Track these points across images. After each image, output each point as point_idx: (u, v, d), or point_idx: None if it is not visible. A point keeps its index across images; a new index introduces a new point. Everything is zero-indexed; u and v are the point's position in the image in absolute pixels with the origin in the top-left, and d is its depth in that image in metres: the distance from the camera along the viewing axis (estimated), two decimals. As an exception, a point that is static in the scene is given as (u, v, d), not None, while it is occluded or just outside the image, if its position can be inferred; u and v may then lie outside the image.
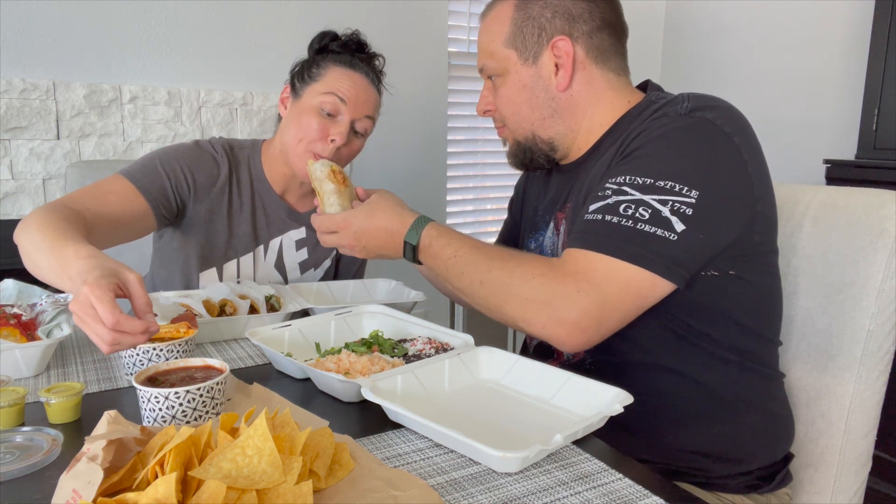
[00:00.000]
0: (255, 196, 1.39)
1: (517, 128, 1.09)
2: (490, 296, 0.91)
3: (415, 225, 1.00)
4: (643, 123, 0.95)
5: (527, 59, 1.04)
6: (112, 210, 1.17)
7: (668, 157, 0.88)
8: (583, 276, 0.85)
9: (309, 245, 1.45)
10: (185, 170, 1.30)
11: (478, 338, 0.98)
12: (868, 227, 1.04)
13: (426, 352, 0.97)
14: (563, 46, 1.01)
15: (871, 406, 1.06)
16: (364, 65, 1.33)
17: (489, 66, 1.08)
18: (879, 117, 2.18)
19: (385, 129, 2.62)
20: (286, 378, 0.95)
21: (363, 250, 1.05)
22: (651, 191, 0.86)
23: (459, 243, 0.96)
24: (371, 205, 1.04)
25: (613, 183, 0.90)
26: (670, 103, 0.95)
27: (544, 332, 0.87)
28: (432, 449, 0.73)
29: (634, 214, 0.85)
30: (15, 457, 0.68)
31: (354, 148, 1.34)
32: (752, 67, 2.80)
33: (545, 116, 1.06)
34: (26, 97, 1.93)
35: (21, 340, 0.96)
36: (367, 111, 1.32)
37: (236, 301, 1.17)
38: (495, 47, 1.06)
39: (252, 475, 0.56)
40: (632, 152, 0.92)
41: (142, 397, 0.73)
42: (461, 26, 2.76)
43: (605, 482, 0.67)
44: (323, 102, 1.28)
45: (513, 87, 1.06)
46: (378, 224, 1.02)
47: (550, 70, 1.03)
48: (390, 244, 1.02)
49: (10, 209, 1.95)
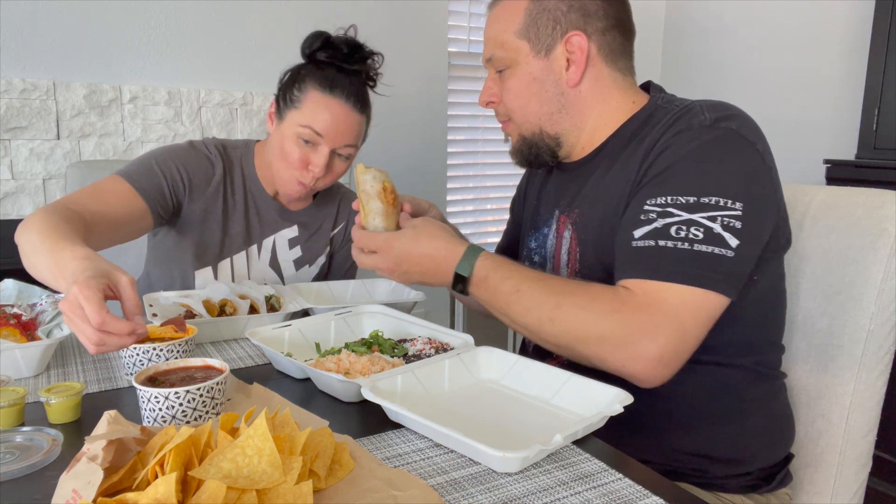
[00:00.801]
0: (247, 196, 1.40)
1: (524, 122, 1.06)
2: (562, 334, 0.87)
3: (467, 255, 0.93)
4: (667, 137, 0.92)
5: (539, 52, 1.02)
6: (111, 210, 1.18)
7: (707, 171, 0.87)
8: (656, 308, 0.83)
9: (302, 243, 1.46)
10: (181, 169, 1.31)
11: (478, 338, 0.98)
12: (868, 227, 1.04)
13: (426, 352, 0.97)
14: (577, 42, 1.00)
15: (871, 406, 1.06)
16: (347, 83, 1.29)
17: (498, 56, 1.05)
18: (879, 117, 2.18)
19: (385, 130, 2.62)
20: (286, 378, 0.95)
21: (403, 275, 0.98)
22: (698, 209, 0.85)
23: (520, 276, 0.90)
24: (416, 229, 0.97)
25: (655, 205, 0.88)
26: (688, 113, 0.93)
27: (625, 371, 0.84)
28: (432, 449, 0.73)
29: (688, 236, 0.84)
30: (15, 457, 0.68)
31: (338, 171, 1.35)
32: (752, 67, 2.80)
33: (553, 111, 1.04)
34: (26, 97, 1.93)
35: (21, 340, 0.96)
36: (346, 140, 1.31)
37: (236, 301, 1.17)
38: (506, 37, 1.03)
39: (252, 475, 0.56)
40: (665, 169, 0.89)
41: (142, 397, 0.73)
42: (461, 26, 2.76)
43: (605, 482, 0.67)
44: (301, 133, 1.28)
45: (522, 80, 1.03)
46: (423, 250, 0.95)
47: (562, 65, 1.01)
48: (435, 272, 0.95)
49: (10, 209, 1.95)
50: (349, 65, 1.31)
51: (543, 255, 1.13)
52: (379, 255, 0.98)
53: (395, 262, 0.97)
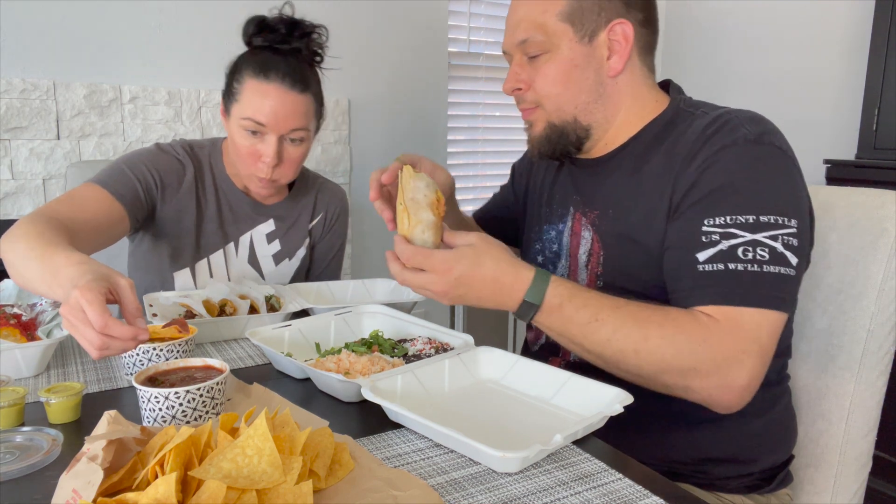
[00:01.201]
0: (219, 193, 1.39)
1: (557, 109, 1.02)
2: (646, 365, 0.84)
3: (536, 281, 0.86)
4: (710, 152, 0.90)
5: (583, 37, 0.98)
6: (90, 216, 1.16)
7: (762, 190, 0.87)
8: (740, 334, 0.82)
9: (280, 236, 1.45)
10: (152, 171, 1.30)
11: (478, 338, 0.98)
12: (868, 227, 1.04)
13: (426, 352, 0.97)
14: (621, 30, 0.98)
15: (871, 406, 1.06)
16: (282, 64, 1.24)
17: (535, 40, 0.99)
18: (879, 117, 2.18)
19: (385, 129, 2.62)
20: (286, 378, 0.95)
21: (457, 298, 0.88)
22: (759, 228, 0.85)
23: (597, 304, 0.86)
24: (476, 249, 0.87)
25: (715, 226, 0.86)
26: (727, 126, 0.91)
27: (710, 400, 0.85)
28: (432, 449, 0.73)
29: (755, 257, 0.84)
30: (15, 457, 0.68)
31: (295, 156, 1.30)
32: (752, 67, 2.80)
33: (589, 101, 1.01)
34: (26, 97, 1.93)
35: (21, 340, 0.96)
36: (292, 125, 1.26)
37: (236, 301, 1.17)
38: (548, 19, 0.98)
39: (252, 475, 0.56)
40: (719, 188, 0.88)
41: (142, 397, 0.73)
42: (461, 26, 2.76)
43: (605, 482, 0.67)
44: (245, 126, 1.25)
45: (562, 66, 0.99)
46: (485, 274, 0.86)
47: (604, 53, 0.99)
48: (498, 297, 0.87)
49: (10, 209, 1.95)
50: (287, 45, 1.27)
51: (557, 252, 1.12)
52: (432, 276, 0.86)
53: (453, 285, 0.86)
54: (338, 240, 1.56)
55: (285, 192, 1.47)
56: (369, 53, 2.53)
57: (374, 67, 2.55)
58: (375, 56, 2.55)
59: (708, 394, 0.84)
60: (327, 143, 2.45)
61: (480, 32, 2.79)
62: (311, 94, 1.29)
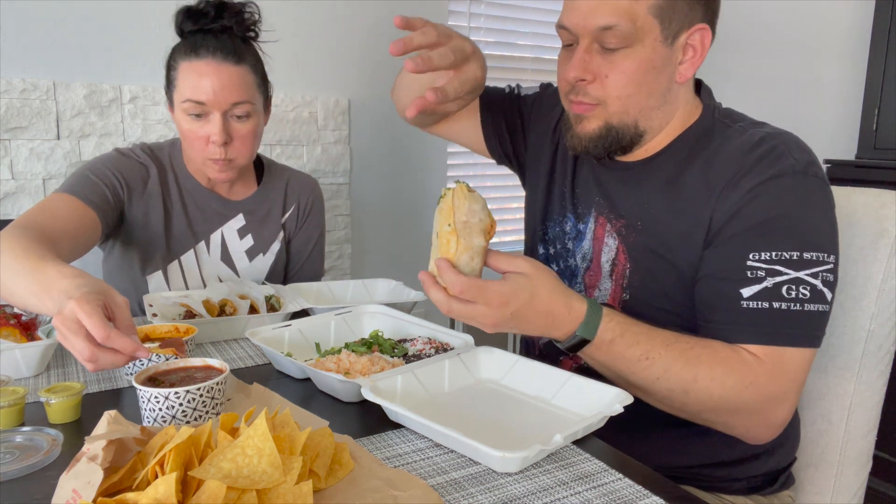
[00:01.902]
0: (182, 193, 1.38)
1: (622, 111, 0.94)
2: (692, 404, 0.85)
3: (590, 315, 0.83)
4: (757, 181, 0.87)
5: (667, 38, 0.91)
6: (65, 225, 1.14)
7: (807, 225, 0.86)
8: (784, 376, 0.84)
9: (252, 231, 1.44)
10: (116, 174, 1.30)
11: (478, 338, 0.98)
12: (868, 227, 1.04)
13: (426, 352, 0.97)
14: (701, 37, 0.92)
15: (871, 406, 1.06)
16: (211, 41, 1.23)
17: (623, 29, 0.88)
18: (879, 117, 2.18)
19: (385, 129, 2.62)
20: (286, 378, 0.95)
21: (503, 328, 0.83)
22: (802, 266, 0.84)
23: (648, 342, 0.84)
24: (531, 280, 0.81)
25: (760, 261, 0.85)
26: (774, 153, 0.88)
27: (748, 436, 0.89)
28: (432, 449, 0.73)
29: (798, 296, 0.84)
30: (15, 457, 0.68)
31: (244, 132, 1.28)
32: (752, 67, 2.80)
33: (655, 106, 0.95)
34: (26, 97, 1.93)
35: (21, 340, 0.96)
36: (233, 98, 1.24)
37: (236, 301, 1.17)
38: (639, 10, 0.88)
39: (252, 475, 0.56)
40: (765, 221, 0.86)
41: (142, 397, 0.73)
42: (461, 26, 2.76)
43: (605, 482, 0.67)
44: (186, 109, 1.24)
45: (641, 64, 0.90)
46: (540, 308, 0.81)
47: (679, 57, 0.93)
48: (550, 330, 0.84)
49: (10, 209, 1.95)
50: (217, 24, 1.27)
51: (572, 250, 1.09)
52: (484, 309, 0.80)
53: (507, 319, 0.81)
54: (315, 230, 1.54)
55: (254, 186, 1.46)
56: (369, 53, 2.53)
57: (374, 67, 2.55)
58: (375, 56, 2.55)
59: (746, 430, 0.88)
60: (327, 143, 2.45)
61: (480, 32, 2.79)
62: (248, 66, 1.27)
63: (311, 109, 2.40)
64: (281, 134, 2.35)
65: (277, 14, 2.33)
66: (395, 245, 2.73)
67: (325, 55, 2.43)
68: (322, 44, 2.41)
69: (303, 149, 2.41)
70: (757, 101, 2.76)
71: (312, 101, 2.39)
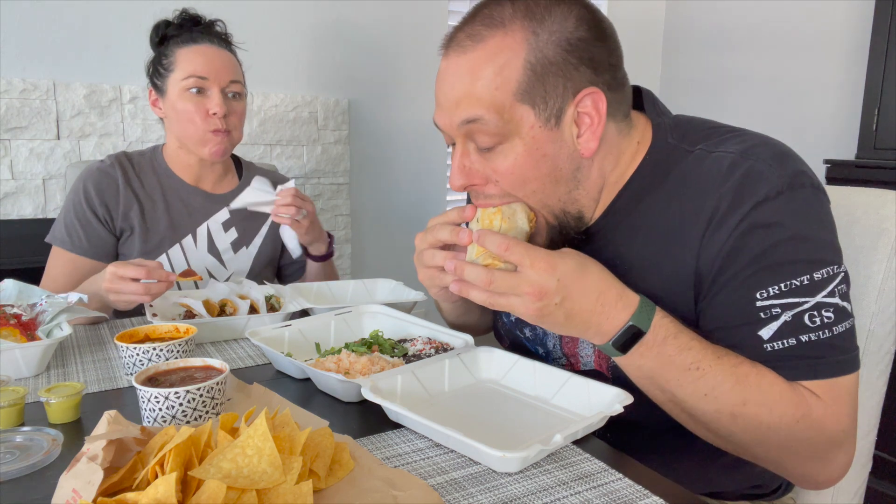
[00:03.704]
0: (165, 192, 1.46)
1: (542, 206, 0.84)
2: (742, 432, 0.75)
3: (644, 305, 0.75)
4: (739, 214, 0.77)
5: (548, 120, 0.79)
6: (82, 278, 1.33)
7: (809, 245, 0.76)
8: (837, 409, 0.75)
9: (236, 224, 1.51)
10: (94, 202, 1.39)
11: (478, 338, 0.98)
12: (868, 227, 1.04)
13: (426, 352, 0.97)
14: (592, 101, 0.79)
15: (872, 406, 1.06)
16: (205, 34, 1.40)
17: (490, 123, 0.78)
18: (879, 117, 2.18)
19: (385, 129, 2.62)
20: (286, 378, 0.95)
21: (548, 309, 0.73)
22: (816, 289, 0.75)
23: (700, 351, 0.75)
24: (581, 256, 0.76)
25: (770, 297, 0.76)
26: (751, 176, 0.78)
27: (809, 481, 0.80)
28: (432, 449, 0.73)
29: (823, 322, 0.75)
30: (15, 457, 0.68)
31: (239, 109, 1.43)
32: (752, 68, 2.80)
33: (571, 189, 0.84)
34: (26, 97, 1.93)
35: (21, 340, 0.96)
36: (230, 76, 1.40)
37: (236, 301, 1.17)
38: (503, 99, 0.77)
39: (252, 475, 0.56)
40: (762, 254, 0.76)
41: (142, 397, 0.73)
42: (461, 26, 2.76)
43: (605, 482, 0.67)
44: (187, 85, 1.36)
45: (527, 158, 0.79)
46: (590, 283, 0.74)
47: (573, 132, 0.80)
48: (596, 317, 0.75)
49: (10, 209, 1.95)
50: (201, 27, 1.42)
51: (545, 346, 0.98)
52: (530, 274, 0.72)
53: (554, 289, 0.72)
54: None
55: (236, 181, 1.55)
56: (369, 53, 2.53)
57: (374, 67, 2.55)
58: (375, 56, 2.55)
59: (809, 475, 0.78)
60: (327, 143, 2.45)
61: (480, 32, 2.79)
62: (236, 56, 1.45)
63: (311, 109, 2.40)
64: (281, 134, 2.35)
65: (278, 14, 2.33)
66: (395, 245, 2.73)
67: (325, 55, 2.43)
68: (322, 44, 2.41)
69: (303, 149, 2.41)
70: (757, 101, 2.76)
71: (312, 101, 2.39)
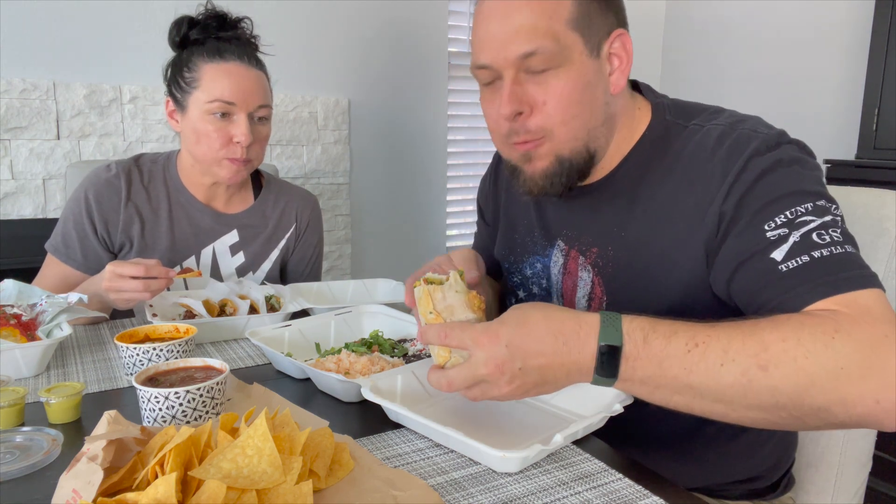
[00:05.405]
0: (172, 208, 1.35)
1: (571, 138, 0.86)
2: (782, 381, 0.64)
3: (606, 319, 0.69)
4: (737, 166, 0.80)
5: (592, 50, 0.84)
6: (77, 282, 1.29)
7: (806, 181, 0.79)
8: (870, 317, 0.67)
9: (245, 248, 1.41)
10: (93, 215, 1.30)
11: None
12: (868, 227, 1.04)
13: (426, 352, 0.97)
14: (622, 43, 0.86)
15: (872, 406, 1.06)
16: (233, 46, 1.27)
17: (546, 49, 0.81)
18: (879, 117, 2.18)
19: (385, 129, 2.62)
20: (286, 378, 0.95)
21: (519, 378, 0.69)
22: (819, 212, 0.75)
23: (689, 329, 0.68)
24: (519, 308, 0.72)
25: (778, 225, 0.75)
26: (740, 138, 0.82)
27: (877, 407, 0.62)
28: (432, 449, 0.73)
29: (833, 240, 0.73)
30: (15, 457, 0.68)
31: (264, 134, 1.31)
32: (752, 67, 2.80)
33: (598, 124, 0.87)
34: (26, 97, 1.93)
35: (21, 340, 0.96)
36: (258, 101, 1.27)
37: (236, 301, 1.17)
38: (557, 26, 0.81)
39: (252, 475, 0.56)
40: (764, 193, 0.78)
41: (142, 397, 0.73)
42: (461, 26, 2.76)
43: (605, 482, 0.67)
44: (211, 109, 1.23)
45: (576, 83, 0.83)
46: (539, 331, 0.69)
47: (607, 68, 0.87)
48: (568, 356, 0.69)
49: (10, 209, 1.95)
50: (225, 33, 1.29)
51: (547, 289, 1.02)
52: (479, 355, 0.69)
53: (508, 358, 0.68)
54: (310, 249, 1.51)
55: (250, 200, 1.43)
56: (369, 53, 2.53)
57: (374, 67, 2.55)
58: (375, 56, 2.55)
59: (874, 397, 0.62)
60: (327, 143, 2.45)
61: (480, 32, 2.79)
62: (265, 73, 1.32)
63: (311, 109, 2.40)
64: (281, 134, 2.35)
65: (278, 14, 2.33)
66: (395, 245, 2.73)
67: (325, 55, 2.43)
68: (322, 44, 2.41)
69: (303, 149, 2.41)
70: (757, 101, 2.75)
71: (312, 101, 2.39)
